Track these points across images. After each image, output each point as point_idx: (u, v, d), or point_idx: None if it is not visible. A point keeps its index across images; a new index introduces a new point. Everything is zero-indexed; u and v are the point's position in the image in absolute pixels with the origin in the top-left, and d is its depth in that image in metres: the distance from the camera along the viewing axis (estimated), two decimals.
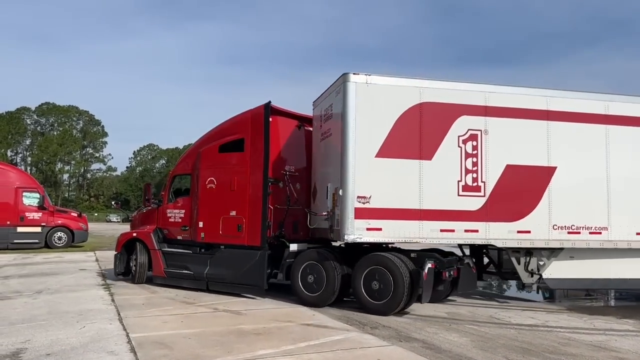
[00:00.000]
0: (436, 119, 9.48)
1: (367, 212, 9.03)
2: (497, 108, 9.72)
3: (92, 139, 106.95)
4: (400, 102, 9.39)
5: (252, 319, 8.24)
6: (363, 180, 9.08)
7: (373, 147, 9.20)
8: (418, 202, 9.24)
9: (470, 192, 9.46)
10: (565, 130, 9.90)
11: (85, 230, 23.99)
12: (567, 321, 8.67)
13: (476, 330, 7.74)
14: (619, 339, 7.36)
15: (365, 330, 7.51)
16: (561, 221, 9.71)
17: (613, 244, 9.82)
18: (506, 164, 9.62)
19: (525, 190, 9.68)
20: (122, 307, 8.89)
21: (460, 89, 9.75)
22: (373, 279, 8.90)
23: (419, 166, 9.31)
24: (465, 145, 9.53)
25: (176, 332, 7.20)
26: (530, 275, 9.97)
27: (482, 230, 9.42)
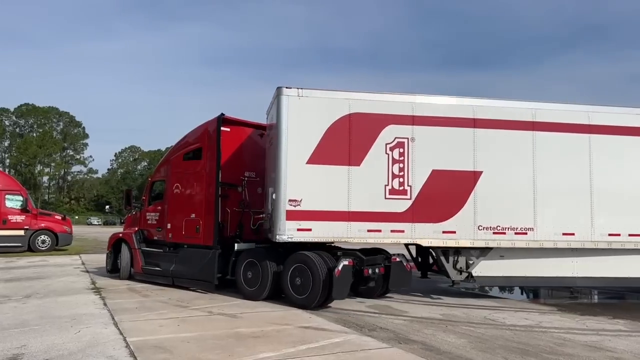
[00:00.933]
0: (365, 128, 10.18)
1: (298, 214, 9.71)
2: (424, 117, 10.39)
3: (72, 141, 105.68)
4: (331, 113, 10.09)
5: (249, 322, 8.20)
6: (294, 185, 9.76)
7: (304, 154, 9.89)
8: (347, 205, 9.93)
9: (396, 196, 10.13)
10: (492, 136, 10.53)
11: (70, 233, 23.62)
12: (560, 322, 8.79)
13: (473, 332, 7.80)
14: (613, 339, 7.48)
15: (363, 333, 7.52)
16: (487, 222, 10.33)
17: (539, 244, 10.40)
18: (432, 169, 10.29)
19: (451, 193, 10.33)
20: (115, 311, 8.77)
21: (387, 100, 10.43)
22: (296, 275, 9.62)
23: (348, 172, 10.00)
24: (393, 152, 10.21)
25: (174, 335, 7.13)
26: (459, 273, 10.62)
27: (408, 230, 10.10)
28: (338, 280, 9.13)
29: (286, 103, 9.96)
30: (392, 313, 9.24)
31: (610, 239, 10.54)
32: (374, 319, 8.58)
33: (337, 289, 9.17)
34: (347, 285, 9.44)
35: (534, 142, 10.60)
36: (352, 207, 9.95)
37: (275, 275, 10.01)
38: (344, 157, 10.03)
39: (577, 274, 10.70)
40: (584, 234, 10.52)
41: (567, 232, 10.51)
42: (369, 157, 10.12)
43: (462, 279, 10.67)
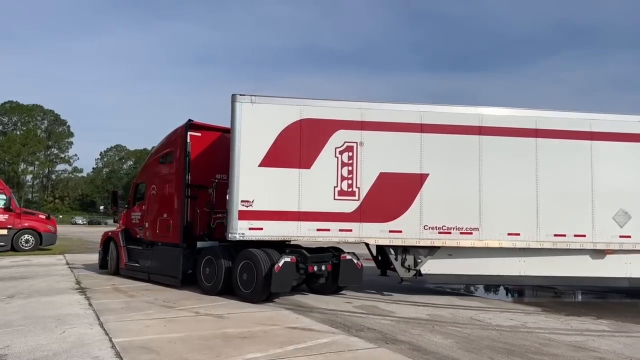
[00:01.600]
0: (315, 133, 10.73)
1: (250, 214, 10.32)
2: (372, 122, 10.90)
3: (57, 139, 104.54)
4: (282, 118, 10.67)
5: (236, 322, 8.17)
6: (247, 186, 10.36)
7: (257, 157, 10.48)
8: (297, 205, 10.50)
9: (345, 197, 10.69)
10: (439, 141, 11.02)
11: (54, 232, 23.36)
12: (545, 322, 8.88)
13: (459, 332, 7.86)
14: (597, 339, 7.58)
15: (350, 333, 7.54)
16: (432, 222, 10.82)
17: (484, 243, 10.85)
18: (380, 171, 10.81)
19: (398, 194, 10.83)
20: (101, 312, 8.69)
21: (337, 107, 10.98)
22: (244, 271, 10.21)
23: (299, 174, 10.58)
24: (342, 155, 10.77)
25: (160, 336, 7.08)
26: (407, 271, 11.10)
27: (355, 229, 10.64)
28: (277, 276, 9.69)
29: (240, 109, 10.52)
30: (379, 313, 9.27)
31: (556, 239, 10.91)
32: (362, 319, 8.61)
33: (276, 284, 9.72)
34: (288, 280, 9.97)
35: (480, 145, 11.04)
36: (302, 208, 10.51)
37: (227, 271, 10.57)
38: (295, 160, 10.58)
39: (525, 272, 11.10)
40: (530, 234, 10.91)
41: (513, 232, 10.90)
42: (319, 160, 10.68)
43: (410, 276, 11.14)
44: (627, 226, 11.09)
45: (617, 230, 11.08)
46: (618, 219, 11.11)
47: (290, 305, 9.80)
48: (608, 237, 11.04)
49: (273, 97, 10.84)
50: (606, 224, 11.07)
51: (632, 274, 11.15)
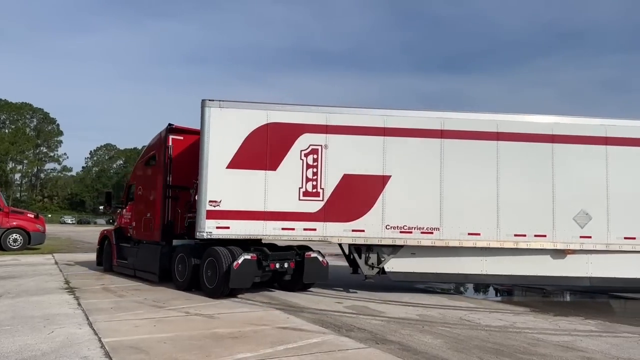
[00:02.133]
0: (281, 136, 11.15)
1: (217, 213, 10.75)
2: (337, 126, 11.31)
3: (46, 138, 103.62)
4: (250, 123, 11.07)
5: (226, 322, 8.16)
6: (214, 187, 10.79)
7: (224, 159, 10.88)
8: (263, 205, 10.92)
9: (310, 197, 11.10)
10: (402, 144, 11.40)
11: (43, 232, 23.17)
12: (533, 322, 8.94)
13: (449, 332, 7.90)
14: (584, 339, 7.65)
15: (341, 333, 7.55)
16: (394, 222, 11.18)
17: (445, 243, 11.19)
18: (344, 173, 11.23)
19: (361, 195, 11.23)
20: (90, 312, 8.64)
21: (303, 111, 11.38)
22: (209, 268, 10.66)
23: (265, 175, 11.00)
24: (307, 158, 11.18)
25: (150, 336, 7.05)
26: (371, 268, 11.53)
27: (319, 229, 11.06)
28: (236, 272, 10.14)
29: (208, 114, 10.99)
30: (369, 313, 9.29)
31: (516, 239, 11.24)
32: (352, 320, 8.63)
33: (235, 280, 10.16)
34: (248, 276, 10.38)
35: (442, 148, 11.39)
36: (268, 208, 10.94)
37: (195, 268, 11.06)
38: (261, 162, 11.02)
39: (487, 271, 11.43)
40: (490, 234, 11.23)
41: (473, 232, 11.24)
42: (285, 162, 11.10)
43: (373, 273, 11.55)
44: (588, 227, 11.35)
45: (578, 231, 11.34)
46: (579, 220, 11.38)
47: (281, 306, 9.80)
48: (568, 238, 11.31)
49: (241, 102, 11.26)
50: (567, 225, 11.33)
51: (593, 274, 11.42)
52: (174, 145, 12.53)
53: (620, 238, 11.34)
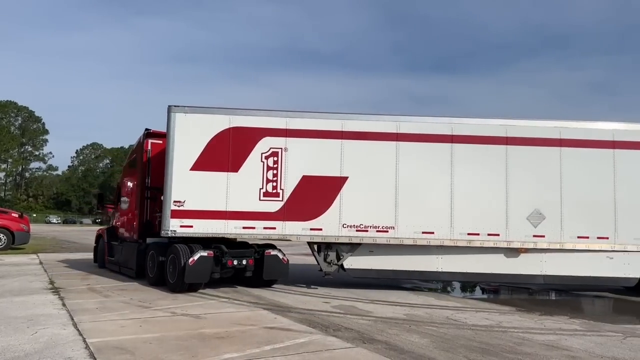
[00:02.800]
0: (243, 140, 11.64)
1: (181, 213, 11.32)
2: (297, 130, 11.78)
3: (31, 137, 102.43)
4: (213, 127, 11.60)
5: (213, 322, 8.12)
6: (179, 188, 11.36)
7: (188, 162, 11.44)
8: (225, 205, 11.42)
9: (270, 198, 11.59)
10: (359, 146, 11.83)
11: (27, 231, 22.88)
12: (519, 322, 9.01)
13: (435, 332, 7.93)
14: (569, 338, 7.72)
15: (328, 333, 7.55)
16: (350, 221, 11.62)
17: (399, 241, 11.61)
18: (303, 174, 11.69)
19: (319, 195, 11.66)
20: (74, 312, 8.55)
21: (264, 116, 11.89)
22: (171, 264, 11.29)
23: (227, 177, 11.50)
24: (268, 160, 11.67)
25: (136, 336, 6.99)
26: (329, 265, 12.06)
27: (279, 228, 11.55)
28: (192, 268, 10.74)
29: (174, 119, 11.56)
30: (357, 313, 9.30)
31: (470, 237, 11.62)
32: (339, 319, 8.63)
33: (190, 275, 10.77)
34: (204, 272, 10.96)
35: (397, 150, 11.80)
36: (230, 208, 11.43)
37: (161, 264, 11.65)
38: (224, 164, 11.52)
39: (442, 269, 11.89)
40: (443, 233, 11.62)
41: (427, 231, 11.63)
42: (246, 164, 11.59)
43: (332, 270, 12.12)
44: (541, 226, 11.69)
45: (531, 230, 11.68)
46: (532, 220, 11.71)
47: (269, 306, 9.78)
48: (522, 237, 11.66)
49: (204, 108, 11.83)
50: (520, 224, 11.67)
51: (547, 272, 11.82)
52: (152, 149, 13.25)
53: (574, 237, 11.68)
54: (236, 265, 11.44)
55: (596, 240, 11.67)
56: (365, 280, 12.99)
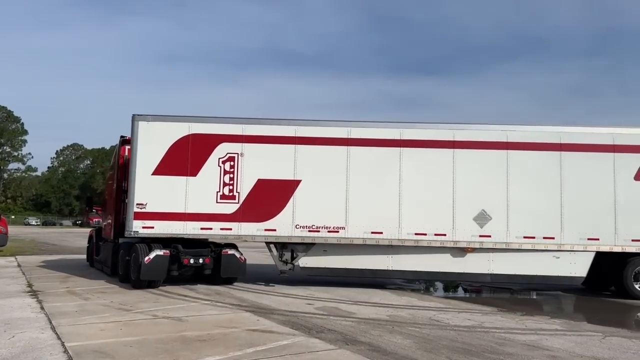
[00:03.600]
0: (201, 146, 12.26)
1: (144, 215, 11.96)
2: (252, 136, 12.39)
3: (10, 137, 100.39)
4: (173, 134, 12.24)
5: (195, 325, 8.03)
6: (141, 192, 12.03)
7: (150, 167, 12.10)
8: (184, 207, 12.04)
9: (226, 200, 12.16)
10: (312, 151, 12.37)
11: (5, 233, 22.44)
12: (501, 322, 9.08)
13: (418, 332, 7.95)
14: (550, 338, 7.79)
15: (311, 334, 7.52)
16: (303, 222, 12.15)
17: (350, 241, 12.12)
18: (258, 178, 12.24)
19: (273, 198, 12.21)
20: (53, 315, 8.40)
21: (221, 123, 12.52)
22: (134, 262, 12.00)
23: (186, 181, 12.13)
24: (224, 164, 12.26)
25: (116, 340, 6.89)
26: (285, 264, 12.71)
27: (235, 228, 12.12)
28: (147, 266, 11.44)
29: (137, 127, 12.22)
30: (340, 314, 9.29)
31: (417, 237, 12.08)
32: (322, 321, 8.60)
33: (146, 273, 11.49)
34: (160, 270, 11.65)
35: (348, 155, 12.31)
36: (189, 210, 12.04)
37: (127, 262, 12.35)
38: (183, 169, 12.15)
39: (392, 267, 12.37)
40: (392, 232, 12.09)
41: (376, 231, 12.09)
42: (205, 169, 12.20)
43: (287, 268, 12.75)
44: (488, 227, 12.10)
45: (478, 230, 12.11)
46: (478, 220, 12.14)
47: (251, 308, 9.72)
48: (469, 237, 12.09)
49: (166, 116, 12.46)
50: (467, 225, 12.11)
51: (494, 270, 12.25)
52: (128, 154, 13.41)
53: (520, 237, 12.05)
54: (193, 263, 12.06)
55: (542, 240, 12.03)
56: (349, 280, 13.24)
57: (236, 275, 12.69)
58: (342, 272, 12.59)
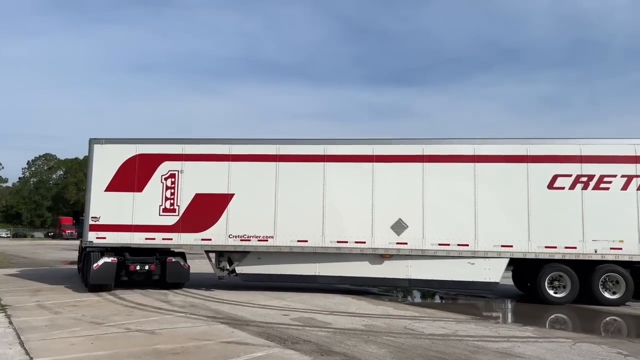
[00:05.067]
0: (147, 164, 13.74)
1: (98, 227, 13.53)
2: (191, 155, 13.79)
3: None
4: (122, 155, 13.78)
5: (168, 338, 7.94)
6: (96, 206, 13.61)
7: (104, 184, 13.66)
8: (131, 220, 13.47)
9: (168, 213, 13.55)
10: (244, 167, 13.61)
11: None
12: (474, 330, 9.18)
13: (393, 342, 7.98)
14: (522, 345, 7.91)
15: (286, 346, 7.49)
16: (236, 232, 13.35)
17: (278, 249, 13.25)
18: (196, 192, 13.58)
19: (210, 210, 13.48)
20: (22, 330, 8.21)
21: (164, 144, 13.93)
22: (87, 268, 13.35)
23: (133, 196, 13.58)
24: (166, 181, 13.66)
25: (86, 354, 6.78)
26: (222, 271, 13.89)
27: (175, 238, 13.48)
28: (95, 272, 12.94)
29: (93, 150, 13.86)
30: (315, 325, 9.28)
31: (339, 245, 13.10)
32: (298, 332, 8.58)
33: (94, 278, 12.98)
34: (108, 276, 13.08)
35: (277, 170, 13.50)
36: (135, 222, 13.47)
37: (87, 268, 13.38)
38: (131, 185, 13.61)
39: (319, 273, 13.32)
40: (316, 241, 13.13)
41: (302, 239, 13.15)
42: (149, 185, 13.62)
43: (224, 274, 13.94)
44: (404, 235, 12.95)
45: (395, 238, 12.96)
46: (395, 229, 12.98)
47: (226, 320, 9.64)
48: (386, 244, 12.96)
49: (117, 139, 14.05)
50: (384, 233, 12.99)
51: (412, 276, 13.03)
52: None
53: (435, 245, 12.83)
54: (139, 270, 13.47)
55: (457, 247, 12.76)
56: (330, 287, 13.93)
57: (180, 281, 13.96)
58: (277, 278, 13.59)
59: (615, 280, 12.45)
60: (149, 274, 13.62)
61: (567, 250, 12.50)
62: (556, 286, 12.63)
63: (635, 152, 12.69)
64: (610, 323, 10.65)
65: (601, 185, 12.62)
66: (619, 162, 12.67)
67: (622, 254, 12.35)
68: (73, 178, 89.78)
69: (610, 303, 12.31)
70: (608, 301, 12.35)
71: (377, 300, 13.01)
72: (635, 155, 12.68)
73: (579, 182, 12.68)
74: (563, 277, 12.59)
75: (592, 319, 11.21)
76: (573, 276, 12.49)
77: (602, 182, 12.62)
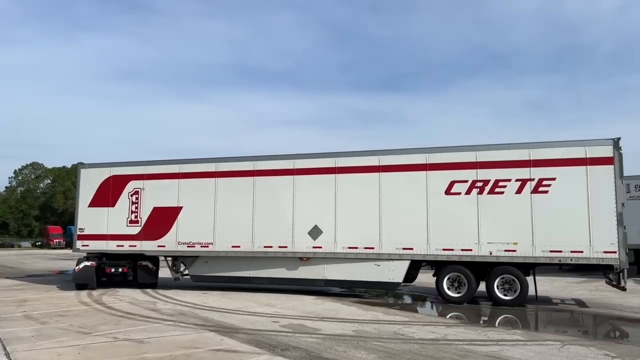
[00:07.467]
0: (118, 184, 16.57)
1: (83, 236, 16.70)
2: (150, 174, 16.38)
3: None
4: (101, 176, 16.80)
5: (156, 347, 7.88)
6: (82, 220, 16.82)
7: (87, 201, 16.82)
8: (106, 230, 16.42)
9: (133, 224, 16.25)
10: (190, 183, 15.87)
11: None
12: (464, 334, 9.20)
13: (383, 347, 7.98)
14: (511, 349, 7.94)
15: (275, 353, 7.47)
16: (184, 239, 15.65)
17: (217, 253, 15.35)
18: (153, 206, 16.14)
19: (164, 221, 15.88)
20: (8, 341, 8.11)
21: (131, 166, 16.70)
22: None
23: (108, 211, 16.53)
24: (132, 197, 16.40)
25: None
26: (176, 272, 16.38)
27: (138, 245, 16.08)
28: (77, 274, 16.03)
29: (79, 173, 17.30)
30: (305, 331, 9.25)
31: (266, 249, 14.85)
32: (287, 338, 8.56)
33: (77, 278, 16.04)
34: (88, 277, 15.86)
35: (216, 185, 15.58)
36: (109, 232, 16.37)
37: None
38: (107, 201, 16.56)
39: (253, 274, 15.19)
40: (247, 246, 15.00)
41: (235, 245, 15.07)
42: (119, 201, 16.46)
43: (179, 276, 16.43)
44: (319, 239, 14.38)
45: (312, 243, 14.43)
46: (312, 234, 14.43)
47: (215, 327, 9.59)
48: (304, 248, 14.48)
49: (97, 163, 17.13)
50: (303, 238, 14.51)
51: (328, 277, 14.47)
52: None
53: (346, 248, 14.15)
54: (114, 272, 16.13)
55: (364, 250, 13.98)
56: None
57: (149, 282, 16.36)
58: (222, 279, 15.60)
59: (510, 281, 12.92)
60: (123, 275, 16.20)
61: (464, 252, 13.12)
62: (456, 286, 13.41)
63: (530, 156, 13.01)
64: (599, 326, 10.73)
65: (496, 189, 13.13)
66: (513, 166, 13.08)
67: (517, 256, 12.72)
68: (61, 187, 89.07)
69: (506, 303, 12.79)
70: (504, 302, 12.86)
71: (367, 305, 13.01)
72: (530, 160, 12.97)
73: (475, 187, 13.27)
74: (461, 278, 13.31)
75: (582, 321, 11.29)
76: (470, 277, 13.18)
77: (497, 186, 13.14)
